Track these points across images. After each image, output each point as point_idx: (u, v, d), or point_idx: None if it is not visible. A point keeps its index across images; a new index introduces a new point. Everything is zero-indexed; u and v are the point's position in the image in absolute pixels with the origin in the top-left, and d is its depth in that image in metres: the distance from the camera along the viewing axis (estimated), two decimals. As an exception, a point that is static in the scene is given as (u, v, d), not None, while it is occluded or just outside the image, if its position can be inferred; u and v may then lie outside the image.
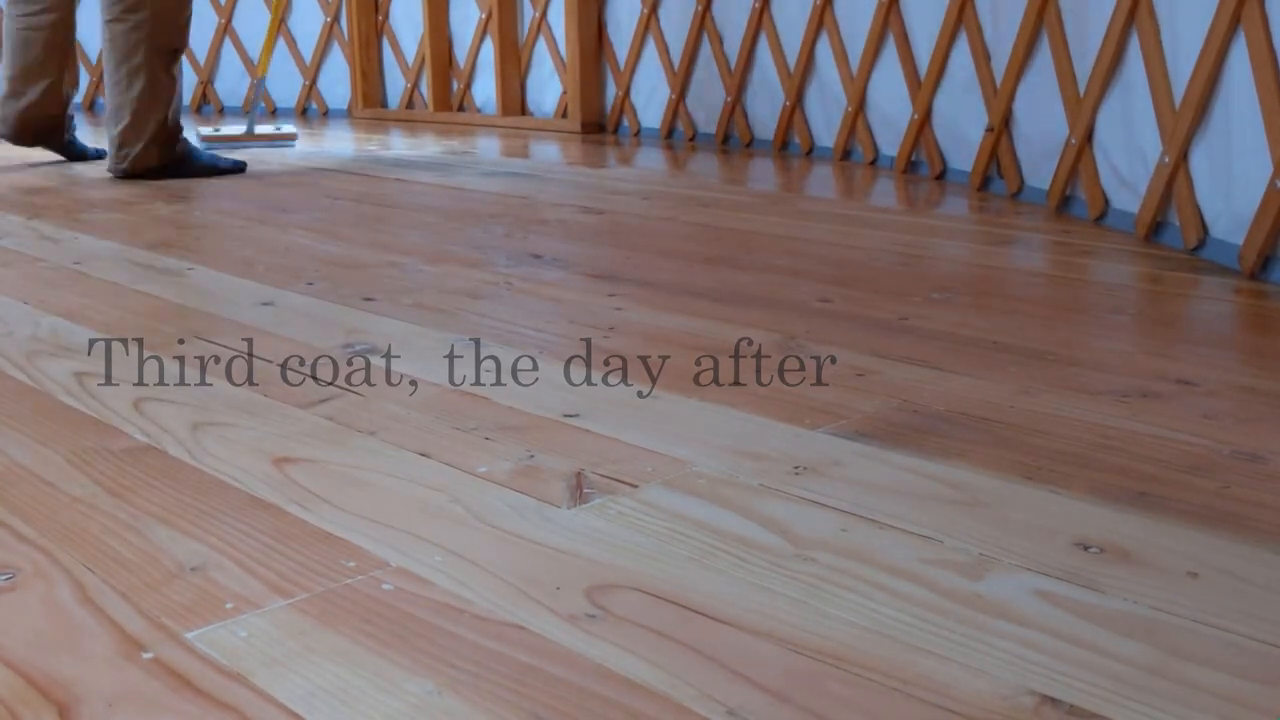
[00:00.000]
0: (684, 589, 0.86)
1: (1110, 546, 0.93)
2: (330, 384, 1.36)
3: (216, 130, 4.11)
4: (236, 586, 0.87)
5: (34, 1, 3.23)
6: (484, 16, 4.66)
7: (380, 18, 5.09)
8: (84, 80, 5.56)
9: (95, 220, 2.51)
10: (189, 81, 5.48)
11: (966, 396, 1.30)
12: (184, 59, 5.71)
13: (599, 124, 4.36)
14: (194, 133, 3.92)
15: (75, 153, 3.52)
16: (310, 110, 5.31)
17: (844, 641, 0.79)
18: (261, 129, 4.17)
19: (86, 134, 3.94)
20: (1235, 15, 1.91)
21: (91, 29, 5.47)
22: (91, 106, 5.59)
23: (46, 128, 3.37)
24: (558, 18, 4.43)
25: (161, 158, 3.16)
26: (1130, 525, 0.97)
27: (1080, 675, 0.75)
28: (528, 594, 0.86)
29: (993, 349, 1.49)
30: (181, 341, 1.55)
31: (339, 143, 4.25)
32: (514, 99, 4.65)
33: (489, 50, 4.68)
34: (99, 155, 3.51)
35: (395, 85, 5.15)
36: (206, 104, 5.47)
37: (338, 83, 5.24)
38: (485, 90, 4.78)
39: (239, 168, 3.32)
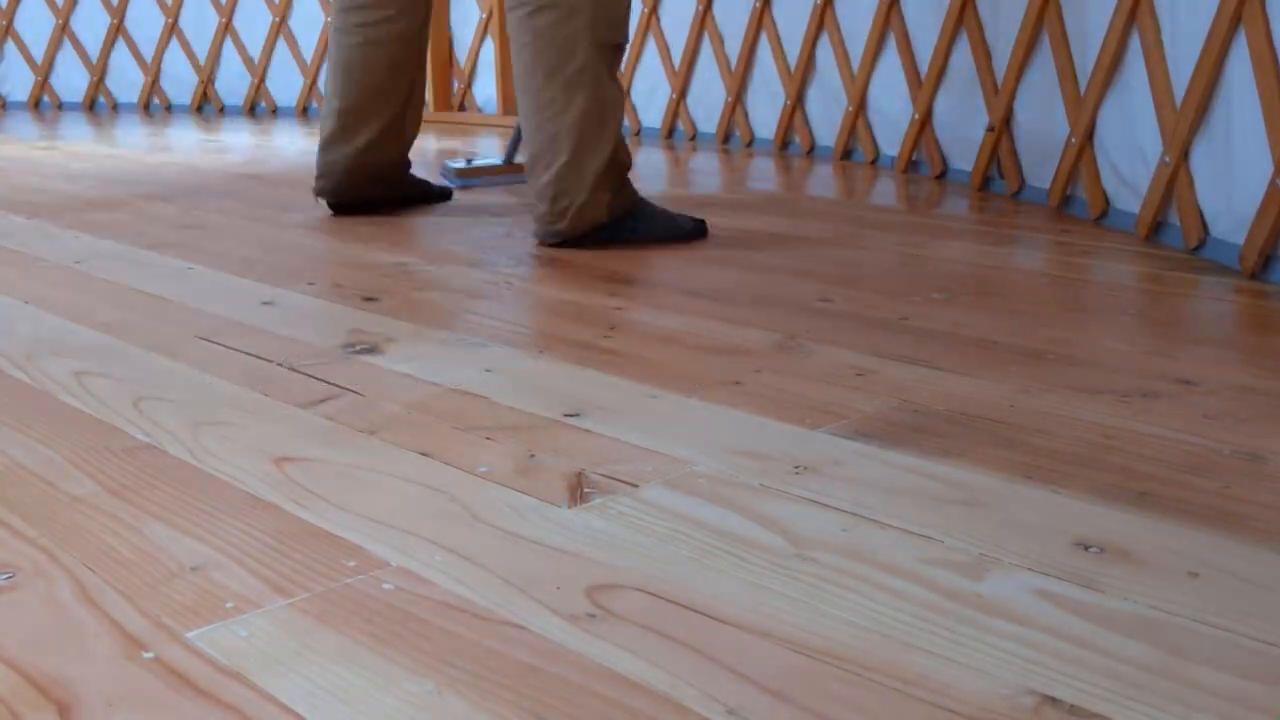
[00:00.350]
0: (684, 589, 0.86)
1: (1110, 546, 0.93)
2: (330, 384, 1.36)
3: (469, 163, 3.12)
4: (236, 586, 0.87)
5: (376, 7, 2.37)
6: (484, 16, 4.66)
7: (380, 17, 5.08)
8: (81, 77, 5.56)
9: (95, 219, 2.51)
10: (189, 80, 5.49)
11: (966, 396, 1.30)
12: (176, 54, 5.64)
13: (599, 124, 4.36)
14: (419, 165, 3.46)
15: (417, 194, 2.66)
16: (311, 110, 5.31)
17: (844, 641, 0.79)
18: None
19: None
20: (1235, 15, 1.91)
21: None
22: (92, 105, 5.58)
23: (383, 178, 2.52)
24: (558, 17, 4.42)
25: (613, 208, 2.14)
26: (1130, 525, 0.97)
27: (1080, 675, 0.75)
28: (528, 594, 0.86)
29: (993, 349, 1.48)
30: (182, 341, 1.55)
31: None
32: (515, 99, 4.65)
33: (489, 50, 4.68)
34: (445, 195, 2.72)
35: (395, 85, 5.14)
36: (207, 104, 5.48)
37: (338, 82, 5.24)
38: (486, 90, 4.78)
39: (697, 230, 2.25)
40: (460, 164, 3.13)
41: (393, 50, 2.39)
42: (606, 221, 2.12)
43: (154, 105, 5.52)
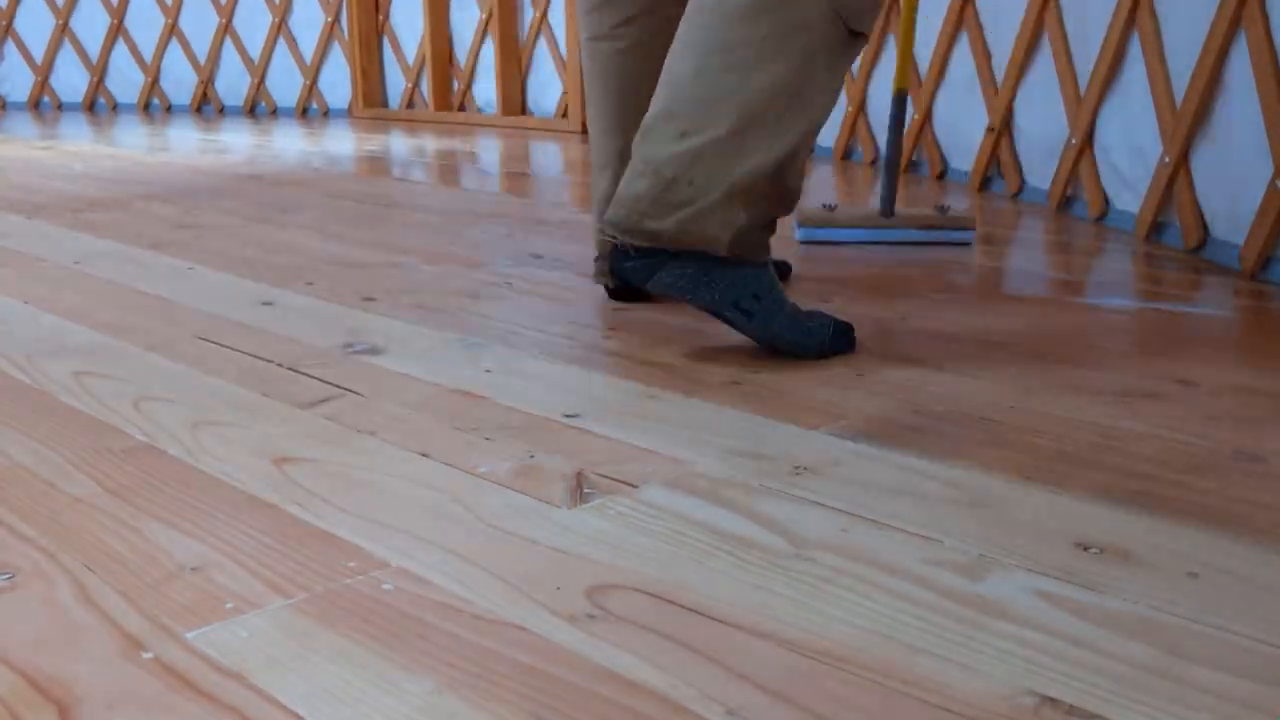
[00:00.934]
0: (684, 589, 0.86)
1: (1110, 546, 0.93)
2: (330, 384, 1.36)
3: (830, 208, 2.24)
4: (236, 586, 0.87)
5: None
6: (484, 16, 4.66)
7: (380, 18, 5.09)
8: (78, 74, 5.55)
9: (95, 220, 2.51)
10: (189, 81, 5.48)
11: (966, 396, 1.30)
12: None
13: (599, 124, 4.36)
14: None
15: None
16: (311, 110, 5.31)
17: (844, 641, 0.79)
18: (907, 211, 2.27)
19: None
20: (1235, 15, 1.91)
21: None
22: (92, 106, 5.57)
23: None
24: (558, 18, 4.43)
25: (736, 245, 1.36)
26: (1130, 525, 0.97)
27: (1080, 675, 0.75)
28: (528, 594, 0.86)
29: (993, 349, 1.49)
30: (182, 341, 1.55)
31: (339, 143, 4.25)
32: (514, 99, 4.65)
33: (490, 50, 4.68)
34: (784, 270, 1.87)
35: (396, 85, 5.15)
36: (206, 104, 5.48)
37: (338, 83, 5.25)
38: (486, 90, 4.78)
39: (840, 340, 1.45)
40: (849, 210, 2.27)
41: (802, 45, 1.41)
42: (724, 256, 1.34)
43: (154, 105, 5.52)
